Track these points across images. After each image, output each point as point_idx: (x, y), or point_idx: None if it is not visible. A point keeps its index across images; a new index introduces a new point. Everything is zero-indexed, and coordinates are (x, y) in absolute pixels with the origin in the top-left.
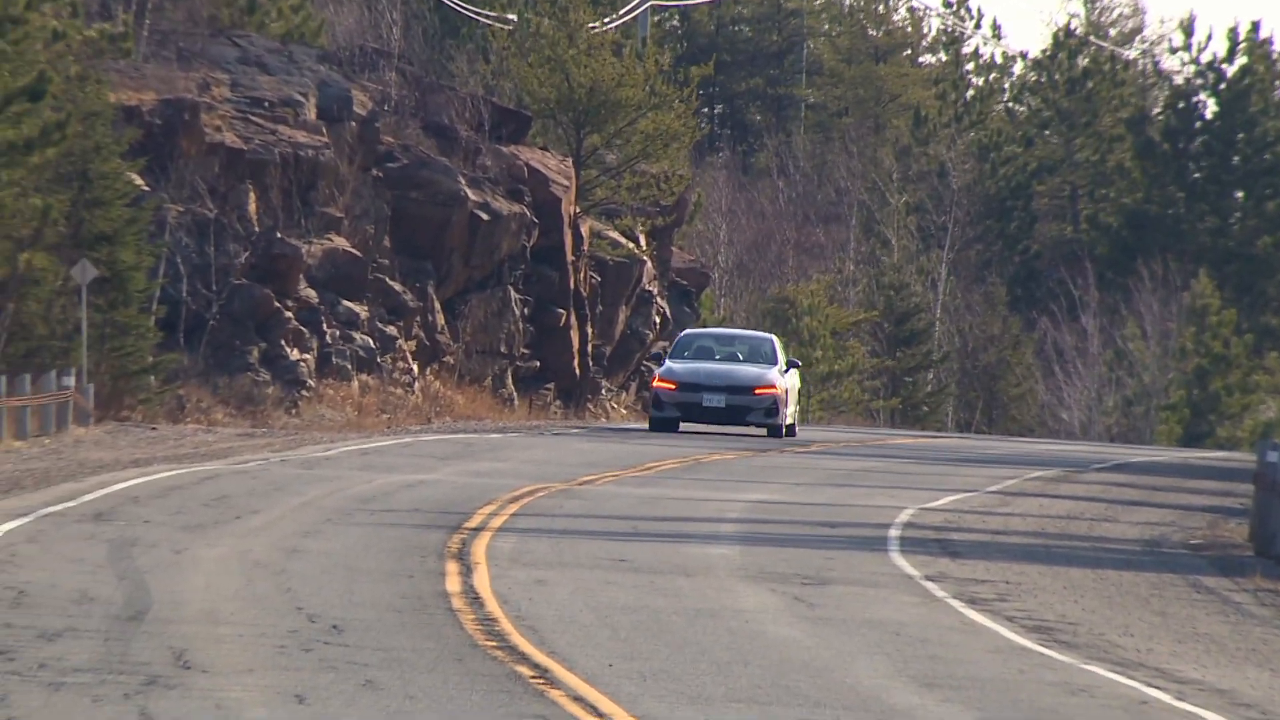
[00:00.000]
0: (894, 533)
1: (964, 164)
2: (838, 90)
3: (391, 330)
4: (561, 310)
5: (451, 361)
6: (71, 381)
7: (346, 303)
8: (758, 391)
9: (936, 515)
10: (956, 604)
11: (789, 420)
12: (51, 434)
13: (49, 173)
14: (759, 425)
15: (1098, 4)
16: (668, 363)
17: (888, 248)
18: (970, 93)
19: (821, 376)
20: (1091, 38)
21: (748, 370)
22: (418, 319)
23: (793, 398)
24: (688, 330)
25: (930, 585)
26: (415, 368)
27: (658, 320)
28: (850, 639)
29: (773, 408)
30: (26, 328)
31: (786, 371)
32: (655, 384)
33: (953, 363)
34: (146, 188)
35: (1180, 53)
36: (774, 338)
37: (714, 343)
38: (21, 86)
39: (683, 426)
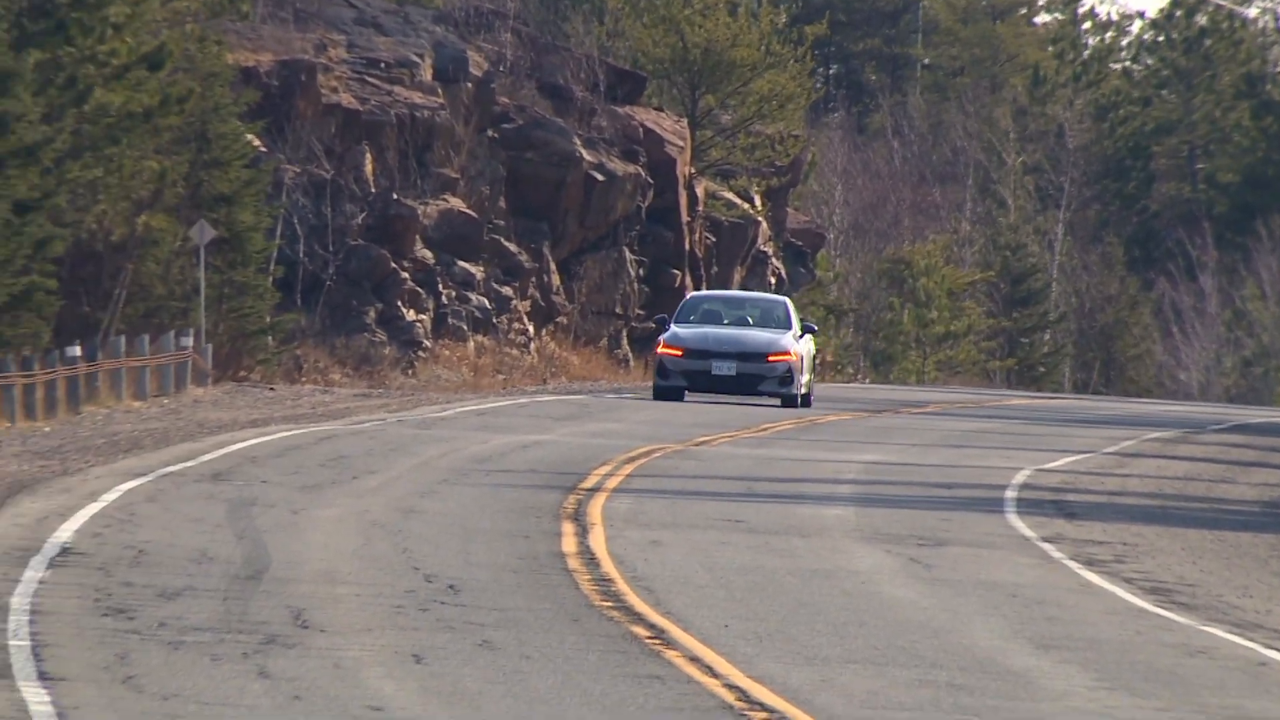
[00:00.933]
0: (1010, 494)
1: (1081, 124)
2: (954, 50)
3: (507, 291)
4: (676, 271)
5: (567, 322)
6: (190, 342)
7: (462, 263)
8: (771, 358)
9: (1053, 476)
10: (1074, 565)
11: (804, 389)
12: (170, 394)
13: (168, 135)
14: (772, 395)
15: None
16: (673, 327)
17: (1004, 208)
18: (1088, 52)
19: (938, 337)
20: None
21: (760, 335)
22: (533, 280)
23: (808, 365)
24: (693, 293)
25: (1047, 546)
26: (531, 328)
27: (773, 281)
28: (966, 600)
29: (787, 376)
30: (145, 288)
31: (801, 337)
32: (660, 350)
33: (1069, 323)
34: (264, 149)
35: None
36: (787, 300)
37: (723, 306)
38: (142, 55)
39: (688, 396)
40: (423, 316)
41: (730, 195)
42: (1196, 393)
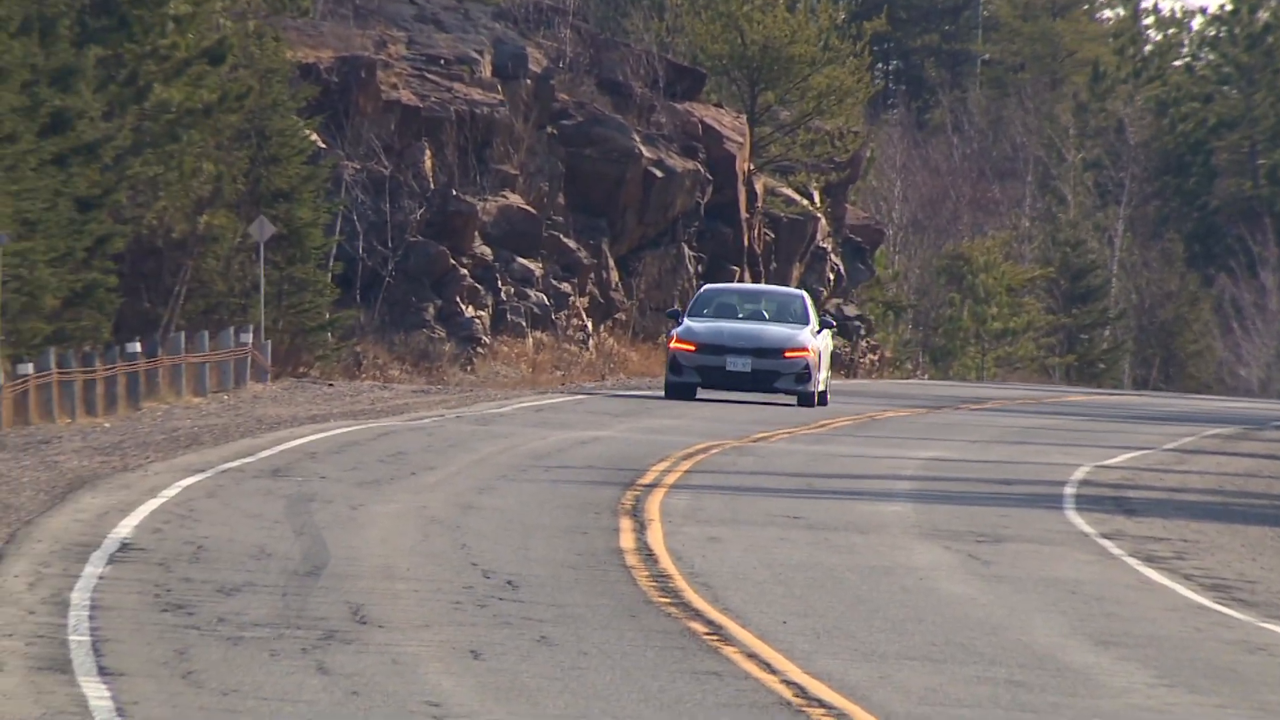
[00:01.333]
0: (1069, 490)
1: (1142, 120)
2: (1014, 45)
3: (565, 287)
4: (735, 267)
5: (625, 318)
6: (249, 338)
7: (521, 260)
8: (788, 355)
9: (1113, 473)
10: (1133, 562)
11: (821, 386)
12: (230, 390)
13: (228, 132)
14: (788, 392)
15: None
16: (686, 321)
17: (1064, 204)
18: (1149, 48)
19: (997, 333)
20: None
21: (777, 330)
22: (592, 276)
23: (825, 362)
24: (707, 285)
25: (1106, 543)
26: (589, 324)
27: (831, 277)
28: (1025, 597)
29: (804, 373)
30: (205, 285)
31: (819, 332)
32: (672, 345)
33: (1129, 319)
34: (323, 145)
35: None
36: (804, 294)
37: (737, 299)
38: (203, 49)
39: (700, 393)
40: (481, 313)
41: (789, 191)
42: (1257, 389)
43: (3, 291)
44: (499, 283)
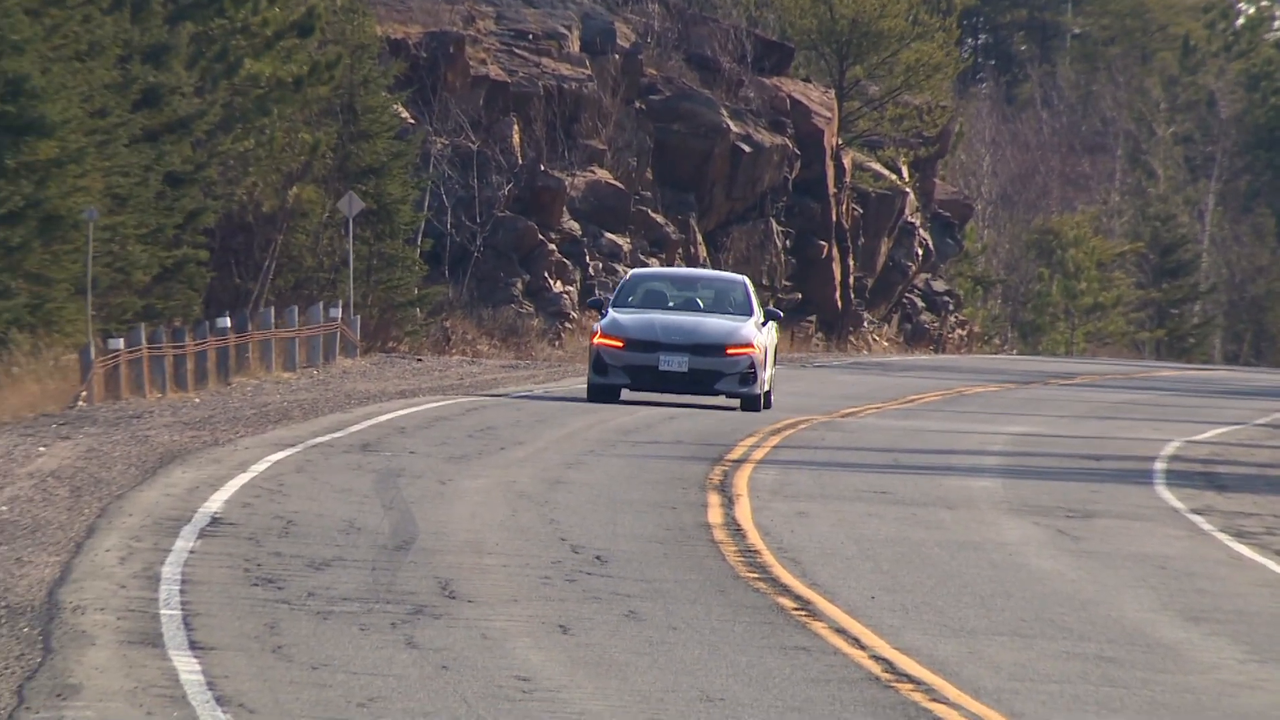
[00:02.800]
0: (1159, 465)
1: (1233, 94)
2: (1104, 20)
3: (653, 262)
4: (823, 242)
5: None
6: (338, 313)
7: (609, 235)
8: (730, 352)
9: (1203, 448)
10: (1223, 537)
11: (766, 387)
12: (319, 365)
13: (317, 107)
14: (730, 395)
15: None
16: (610, 312)
17: (1154, 178)
18: (1240, 21)
19: (1086, 308)
20: None
21: (717, 324)
22: (680, 251)
23: (771, 359)
24: (635, 270)
25: (1196, 518)
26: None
27: (920, 252)
28: (1115, 572)
29: (749, 373)
30: (295, 260)
31: (765, 325)
32: (595, 341)
33: (1220, 294)
34: (412, 120)
35: None
36: (745, 280)
37: (669, 286)
38: (292, 21)
39: (626, 394)
40: (569, 288)
41: (877, 166)
42: None
43: (94, 267)
44: (587, 258)
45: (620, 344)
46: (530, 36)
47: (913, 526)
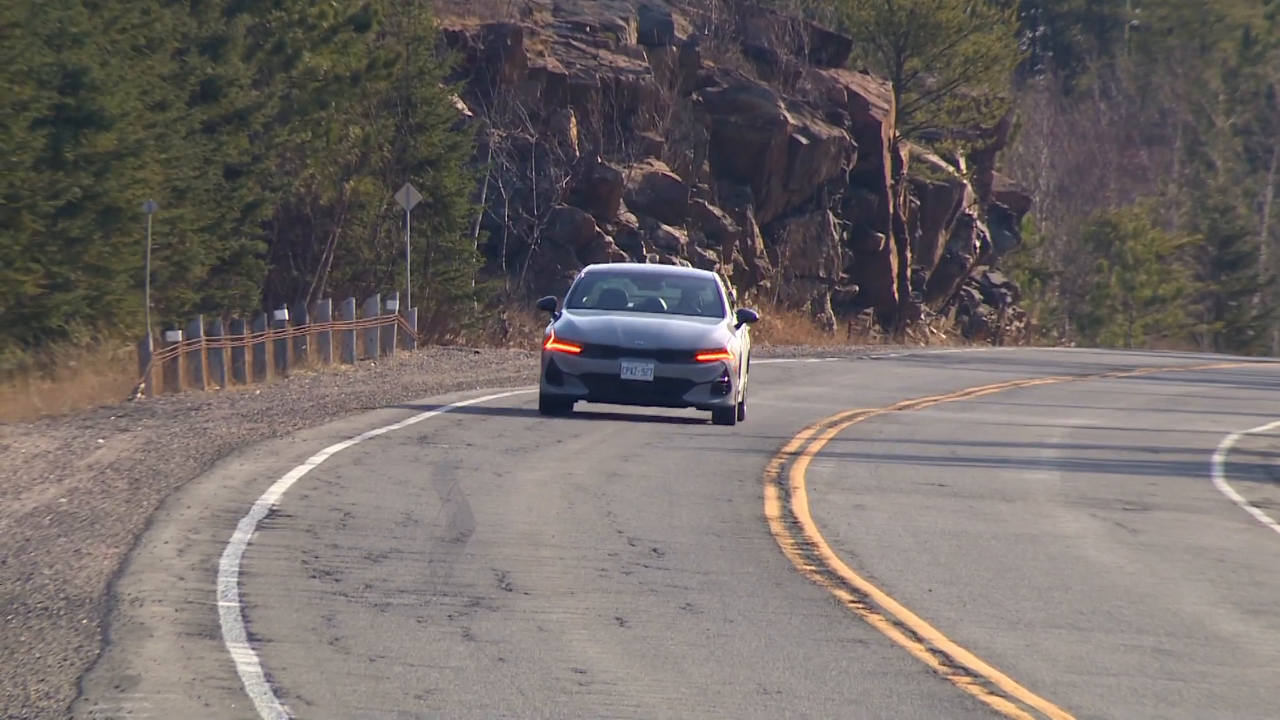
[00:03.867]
0: (1218, 458)
1: None
2: (1162, 10)
3: (710, 255)
4: (880, 234)
5: (770, 286)
6: (395, 306)
7: (666, 227)
8: (702, 358)
9: (1262, 440)
10: None
11: (740, 397)
12: (376, 357)
13: (374, 99)
14: (701, 407)
15: None
16: (565, 314)
17: (1212, 170)
18: None
19: (1145, 301)
20: None
21: (686, 326)
22: (736, 243)
23: (745, 365)
24: (590, 267)
25: (1255, 511)
26: (734, 292)
27: (977, 244)
28: (1173, 565)
29: (723, 382)
30: (352, 252)
31: (739, 328)
32: (548, 346)
33: (1279, 286)
34: (469, 113)
35: None
36: (716, 277)
37: (629, 284)
38: (350, 16)
39: (581, 405)
40: None
41: (935, 158)
42: None
43: (152, 259)
44: (644, 250)
45: (577, 349)
46: (587, 29)
47: (970, 519)
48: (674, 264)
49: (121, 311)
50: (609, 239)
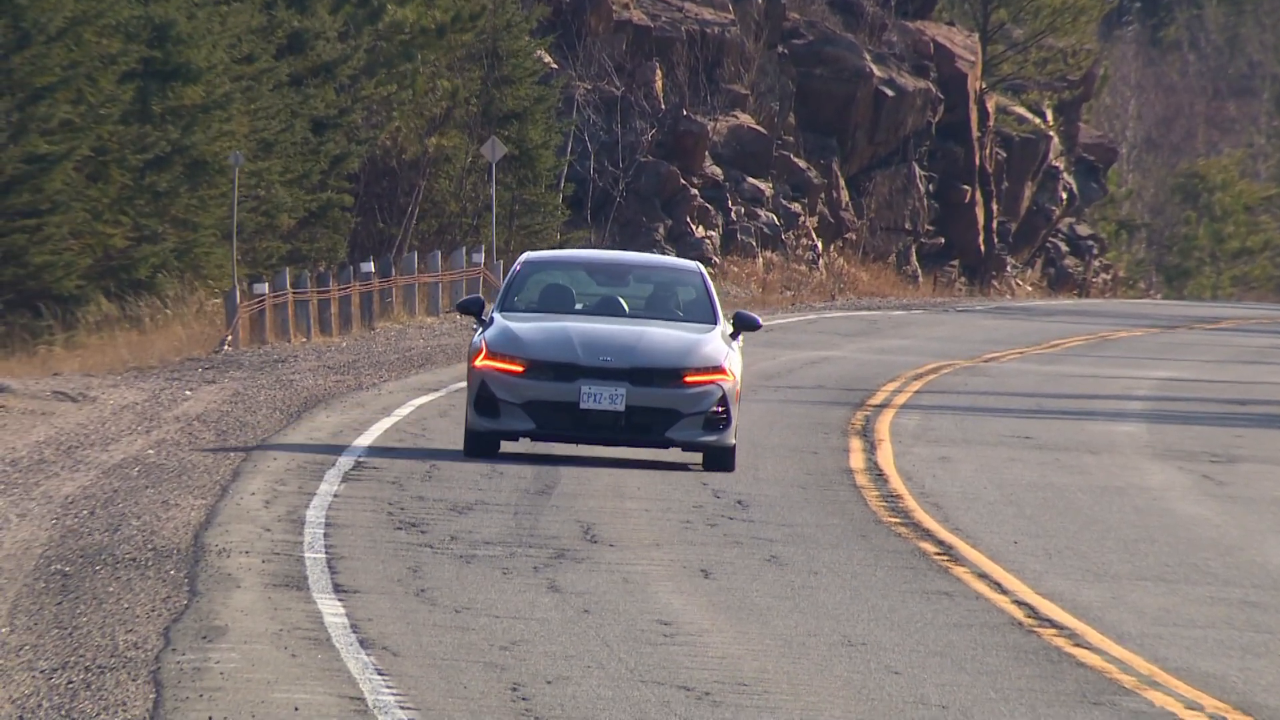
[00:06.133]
0: None
1: None
2: None
3: (795, 207)
4: (966, 186)
5: (855, 238)
6: (481, 258)
7: (751, 180)
8: (691, 380)
9: None
10: None
11: (735, 436)
12: None
13: (460, 52)
14: (689, 447)
15: None
16: (498, 319)
17: None
18: None
19: (1233, 253)
20: None
21: (669, 337)
22: (822, 195)
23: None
24: (527, 255)
25: None
26: (819, 244)
27: (1064, 196)
28: (1260, 517)
29: (719, 414)
30: (438, 205)
31: (735, 337)
32: (479, 363)
33: None
34: (554, 66)
35: None
36: (701, 268)
37: (581, 277)
38: None
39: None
40: (711, 233)
41: (1021, 110)
42: None
43: (239, 211)
44: (729, 202)
45: (518, 368)
46: None
47: (1056, 471)
48: (760, 215)
49: (209, 264)
50: (694, 191)
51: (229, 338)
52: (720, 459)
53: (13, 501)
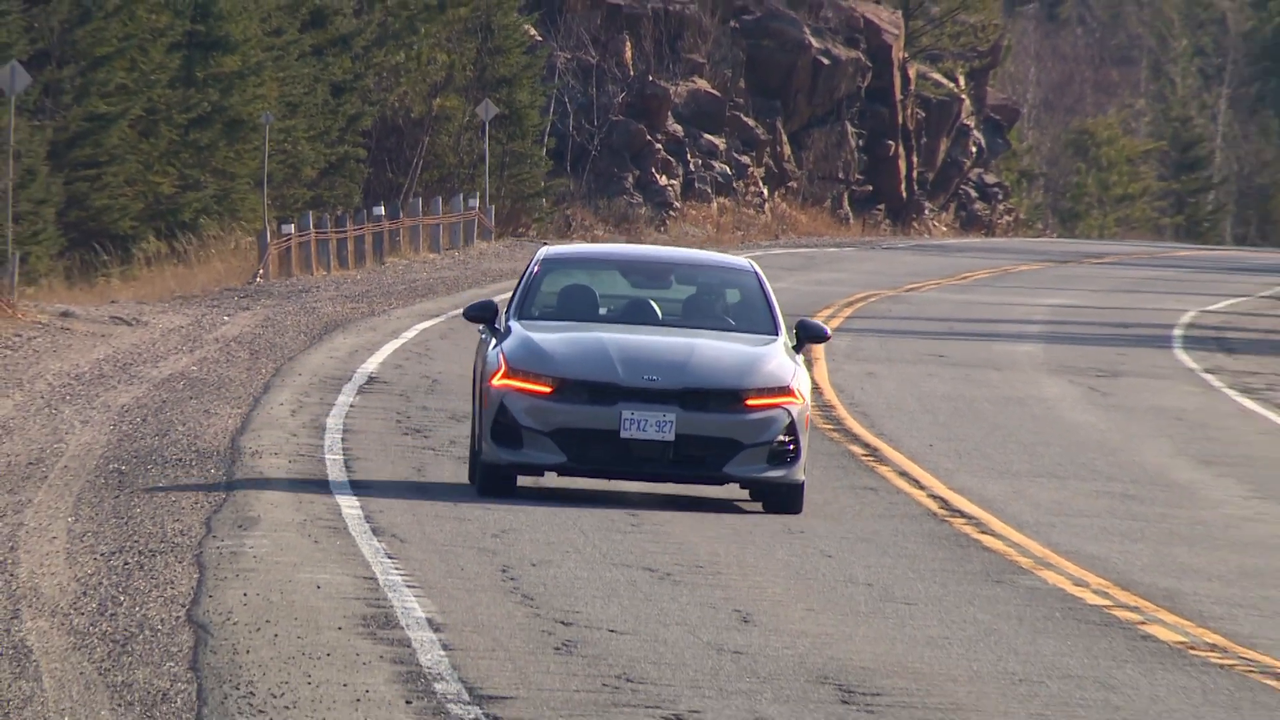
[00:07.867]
0: (1177, 332)
1: (1242, 13)
2: None
3: (745, 159)
4: (891, 142)
5: (796, 186)
6: (476, 203)
7: (707, 136)
8: (754, 403)
9: (1215, 317)
10: (1232, 393)
11: (804, 470)
12: (459, 248)
13: (458, 26)
14: (751, 483)
15: None
16: (516, 328)
17: (1173, 86)
18: None
19: (1117, 198)
20: None
21: (725, 350)
22: (768, 149)
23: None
24: (545, 252)
25: (1209, 377)
26: (765, 191)
27: (974, 150)
28: (1138, 423)
29: (786, 442)
30: (439, 158)
31: (799, 349)
32: (497, 383)
33: (1230, 184)
34: (539, 38)
35: None
36: (756, 268)
37: (611, 277)
38: None
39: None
40: (673, 181)
41: (937, 76)
42: None
43: (269, 163)
44: (688, 155)
45: (546, 389)
46: None
47: (965, 385)
48: (715, 166)
49: (243, 208)
50: (658, 146)
51: (261, 271)
52: (787, 499)
53: (77, 410)
